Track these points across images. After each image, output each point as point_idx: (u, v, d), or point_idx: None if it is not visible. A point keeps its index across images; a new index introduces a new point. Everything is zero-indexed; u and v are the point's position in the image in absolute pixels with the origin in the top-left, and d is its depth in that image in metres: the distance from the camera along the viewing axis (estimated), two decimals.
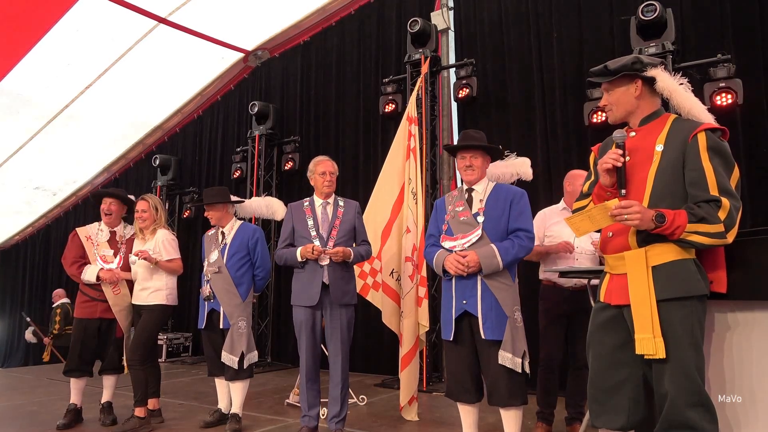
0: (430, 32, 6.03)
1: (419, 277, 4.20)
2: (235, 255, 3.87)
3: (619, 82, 2.09)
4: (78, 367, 3.97)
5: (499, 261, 2.71)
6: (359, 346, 6.08)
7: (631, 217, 1.84)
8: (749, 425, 1.92)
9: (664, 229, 1.84)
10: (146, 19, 6.74)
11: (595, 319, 2.09)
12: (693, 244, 1.86)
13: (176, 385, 5.67)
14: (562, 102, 5.46)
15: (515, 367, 2.65)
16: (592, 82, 2.19)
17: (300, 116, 7.60)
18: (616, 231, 2.01)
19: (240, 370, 3.73)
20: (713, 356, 2.00)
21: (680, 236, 1.85)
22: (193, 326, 8.08)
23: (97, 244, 4.05)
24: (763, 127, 4.53)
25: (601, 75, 2.13)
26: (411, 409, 4.12)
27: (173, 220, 8.57)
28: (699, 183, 1.87)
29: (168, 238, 3.98)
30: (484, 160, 2.94)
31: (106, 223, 4.12)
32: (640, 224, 1.85)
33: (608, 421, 1.98)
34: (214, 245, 3.94)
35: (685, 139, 1.93)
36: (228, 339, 3.75)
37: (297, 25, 7.67)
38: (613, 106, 2.12)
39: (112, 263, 4.00)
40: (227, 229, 3.99)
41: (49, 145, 8.49)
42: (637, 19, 4.65)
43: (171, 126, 9.09)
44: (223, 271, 3.82)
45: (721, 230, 1.82)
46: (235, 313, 3.77)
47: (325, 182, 3.53)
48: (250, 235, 3.95)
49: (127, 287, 3.98)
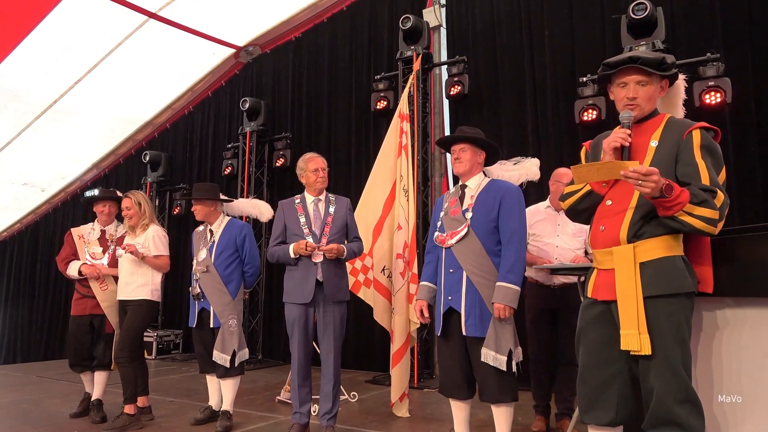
0: (422, 29, 6.02)
1: (410, 274, 4.21)
2: (223, 253, 3.85)
3: (656, 77, 2.04)
4: (76, 362, 4.04)
5: (513, 288, 2.67)
6: (350, 343, 6.07)
7: (646, 185, 1.78)
8: (737, 424, 1.94)
9: (665, 201, 1.81)
10: (136, 14, 6.68)
11: (584, 315, 2.09)
12: (683, 225, 1.83)
13: (167, 382, 5.65)
14: (554, 100, 5.48)
15: (499, 365, 2.64)
16: (637, 67, 2.01)
17: (291, 113, 7.58)
18: (608, 225, 2.01)
19: (231, 368, 3.74)
20: (701, 354, 2.02)
21: (675, 213, 1.81)
22: (184, 323, 8.04)
23: (88, 242, 4.11)
24: (750, 126, 4.58)
25: (650, 65, 2.01)
26: (402, 406, 4.13)
27: (163, 217, 8.52)
28: (693, 177, 1.87)
29: (159, 235, 3.97)
30: (474, 153, 2.90)
31: (100, 222, 4.19)
32: (649, 193, 1.80)
33: (597, 416, 2.00)
34: (203, 243, 3.93)
35: (679, 136, 1.95)
36: (219, 338, 3.74)
37: (288, 21, 7.63)
38: (643, 101, 2.03)
39: (101, 260, 4.03)
40: (215, 227, 3.97)
41: (38, 140, 8.40)
42: (628, 17, 4.67)
43: (161, 122, 9.02)
44: (212, 270, 3.81)
45: (715, 218, 1.81)
46: (225, 312, 3.77)
47: (318, 178, 3.52)
48: (237, 232, 3.93)
49: (114, 284, 3.98)
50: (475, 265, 2.75)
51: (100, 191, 4.35)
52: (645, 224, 1.93)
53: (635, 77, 2.03)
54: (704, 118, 2.07)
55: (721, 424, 1.96)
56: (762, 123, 4.54)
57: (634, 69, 2.03)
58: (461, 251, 2.79)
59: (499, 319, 2.67)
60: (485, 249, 2.77)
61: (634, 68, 2.02)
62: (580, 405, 2.06)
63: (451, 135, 2.94)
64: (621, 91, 2.07)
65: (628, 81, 2.04)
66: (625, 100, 2.05)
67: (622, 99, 2.07)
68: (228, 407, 3.79)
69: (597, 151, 2.18)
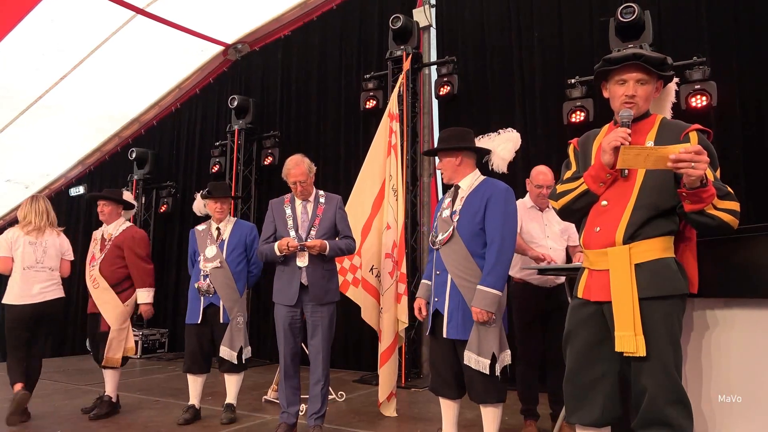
0: (411, 29, 6.03)
1: (399, 274, 4.21)
2: (234, 251, 3.97)
3: (655, 77, 2.02)
4: (94, 357, 4.16)
5: (492, 291, 2.62)
6: (338, 342, 6.03)
7: (699, 167, 1.71)
8: (724, 423, 1.96)
9: (703, 191, 1.76)
10: (124, 9, 6.61)
11: (574, 315, 2.08)
12: (712, 219, 1.80)
13: (152, 381, 5.60)
14: (542, 101, 5.51)
15: (481, 369, 2.62)
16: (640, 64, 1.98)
17: (280, 111, 7.54)
18: (603, 226, 1.99)
19: (238, 364, 3.88)
20: (690, 354, 2.04)
21: (707, 206, 1.78)
22: (170, 322, 7.99)
23: (96, 243, 4.23)
24: (735, 129, 4.63)
25: (653, 64, 1.98)
26: (389, 405, 4.13)
27: (149, 215, 8.45)
28: None
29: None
30: (450, 160, 2.90)
31: (103, 221, 4.29)
32: (701, 176, 1.74)
33: (582, 416, 2.00)
34: (209, 240, 3.98)
35: (676, 137, 1.95)
36: (227, 334, 3.86)
37: (278, 19, 7.60)
38: (641, 100, 2.00)
39: (99, 260, 4.11)
40: (222, 225, 4.04)
41: (22, 136, 8.29)
42: (616, 20, 4.71)
43: (148, 119, 8.94)
44: (224, 266, 3.90)
45: (738, 210, 1.81)
46: (235, 308, 3.89)
47: (296, 190, 3.45)
48: (248, 232, 4.09)
49: (105, 282, 4.02)
50: (460, 267, 2.74)
51: (105, 191, 4.40)
52: (642, 226, 1.92)
53: (636, 75, 2.00)
54: (691, 122, 2.08)
55: (708, 423, 1.99)
56: (746, 126, 4.60)
57: (636, 66, 2.00)
58: (447, 254, 2.79)
59: (479, 322, 2.66)
60: (470, 251, 2.74)
61: (636, 66, 2.00)
62: (567, 405, 2.06)
63: (428, 149, 2.96)
64: (619, 88, 2.04)
65: (628, 78, 2.01)
66: (623, 97, 2.01)
67: (620, 96, 2.03)
68: (232, 400, 3.95)
69: (586, 149, 2.17)
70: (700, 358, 2.03)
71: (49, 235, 4.14)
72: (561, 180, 2.21)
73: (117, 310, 4.01)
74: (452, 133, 2.98)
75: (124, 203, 4.37)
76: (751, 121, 4.59)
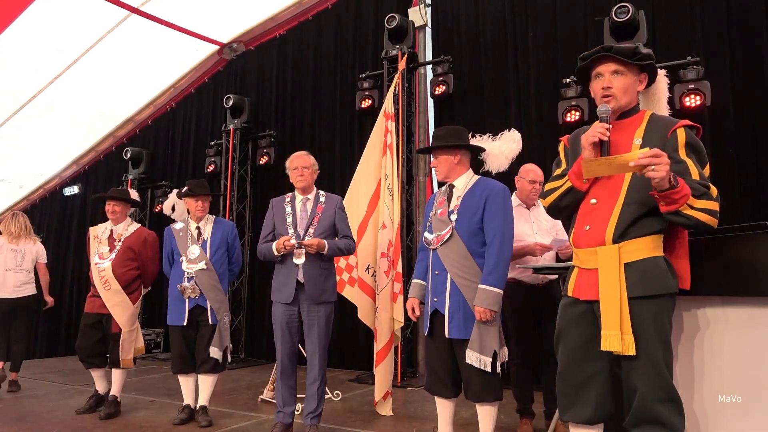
0: (407, 28, 6.03)
1: (395, 273, 4.21)
2: (218, 251, 3.95)
3: (633, 69, 2.03)
4: (83, 357, 4.12)
5: (494, 290, 2.65)
6: (334, 342, 5.99)
7: (660, 169, 1.71)
8: (717, 421, 1.97)
9: (674, 192, 1.76)
10: (118, 8, 6.59)
11: (565, 314, 2.08)
12: (688, 220, 1.80)
13: (147, 381, 5.59)
14: (537, 100, 5.52)
15: (483, 367, 2.64)
16: (606, 55, 2.01)
17: (276, 110, 7.53)
18: (593, 225, 1.99)
19: (221, 364, 3.86)
20: (682, 353, 2.04)
21: (681, 206, 1.79)
22: (165, 322, 7.94)
23: (100, 241, 4.19)
24: (728, 128, 4.65)
25: (624, 54, 1.99)
26: (385, 404, 4.14)
27: (144, 215, 8.42)
28: (683, 174, 1.84)
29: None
30: (447, 157, 2.90)
31: (112, 221, 4.26)
32: (664, 177, 1.73)
33: (575, 414, 2.00)
34: (190, 240, 3.93)
35: (664, 134, 1.95)
36: (216, 334, 3.83)
37: (273, 18, 7.58)
38: (618, 92, 2.00)
39: (107, 259, 4.06)
40: (202, 225, 3.99)
41: (16, 136, 8.24)
42: (611, 20, 4.72)
43: (143, 118, 8.90)
44: (210, 268, 3.87)
45: (717, 209, 1.82)
46: (221, 309, 3.88)
47: (297, 177, 3.49)
48: (229, 231, 4.06)
49: (117, 284, 3.99)
50: (459, 267, 2.75)
51: (113, 191, 4.39)
52: (631, 225, 1.92)
53: (610, 66, 2.02)
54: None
55: (701, 421, 2.00)
56: (739, 126, 4.63)
57: (607, 58, 2.02)
58: (446, 253, 2.79)
59: (481, 321, 2.68)
60: (469, 251, 2.76)
61: (608, 57, 2.02)
62: (560, 403, 2.07)
63: (423, 148, 2.96)
64: (597, 83, 2.06)
65: (603, 71, 2.03)
66: (600, 91, 2.03)
67: (598, 91, 2.05)
68: (205, 402, 3.88)
69: (575, 146, 2.17)
70: (699, 357, 2.02)
71: (27, 243, 5.20)
72: (550, 177, 2.22)
73: (128, 312, 4.02)
74: (449, 131, 2.98)
75: (133, 202, 4.43)
76: (745, 121, 4.62)
